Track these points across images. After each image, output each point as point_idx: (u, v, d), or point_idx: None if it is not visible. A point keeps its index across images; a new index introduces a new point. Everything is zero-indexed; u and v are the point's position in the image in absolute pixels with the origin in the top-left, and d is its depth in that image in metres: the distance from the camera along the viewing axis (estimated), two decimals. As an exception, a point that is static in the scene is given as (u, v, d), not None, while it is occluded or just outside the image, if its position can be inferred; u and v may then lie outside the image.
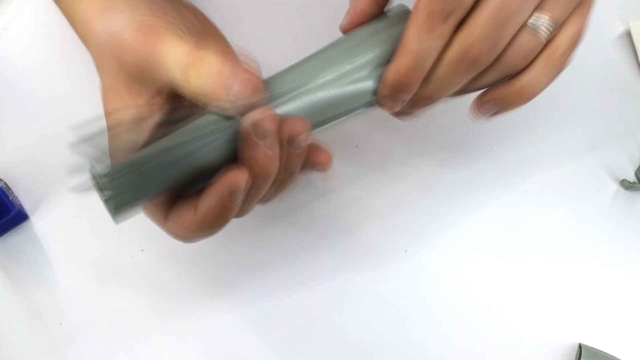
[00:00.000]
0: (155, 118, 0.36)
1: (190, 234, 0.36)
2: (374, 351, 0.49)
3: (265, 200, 0.38)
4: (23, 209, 0.51)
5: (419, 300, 0.50)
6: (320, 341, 0.49)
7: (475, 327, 0.49)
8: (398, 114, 0.38)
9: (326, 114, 0.35)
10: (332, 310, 0.50)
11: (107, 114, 0.37)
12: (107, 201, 0.32)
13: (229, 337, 0.49)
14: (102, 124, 0.35)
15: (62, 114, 0.54)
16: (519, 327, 0.49)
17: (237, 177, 0.33)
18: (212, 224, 0.35)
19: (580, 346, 0.47)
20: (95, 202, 0.51)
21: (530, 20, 0.33)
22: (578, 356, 0.47)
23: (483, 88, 0.36)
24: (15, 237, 0.51)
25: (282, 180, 0.36)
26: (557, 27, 0.34)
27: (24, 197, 0.51)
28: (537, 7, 0.33)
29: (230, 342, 0.49)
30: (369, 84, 0.35)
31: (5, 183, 0.50)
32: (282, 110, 0.34)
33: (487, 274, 0.50)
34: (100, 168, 0.32)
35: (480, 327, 0.49)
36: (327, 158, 0.37)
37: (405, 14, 0.36)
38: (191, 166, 0.33)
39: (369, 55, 0.35)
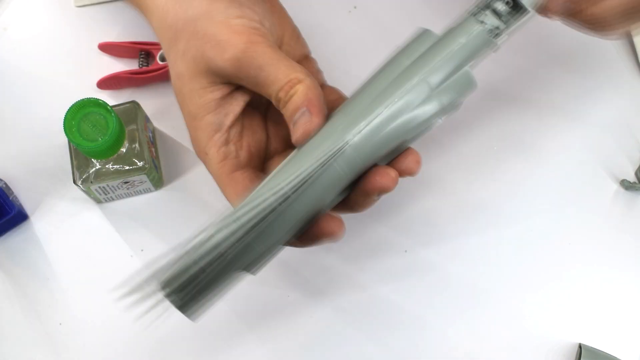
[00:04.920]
0: (239, 105, 0.38)
1: None
2: (373, 350, 0.49)
3: None
4: (23, 209, 0.51)
5: (418, 299, 0.50)
6: (320, 339, 0.49)
7: (475, 327, 0.49)
8: None
9: (392, 143, 0.35)
10: (332, 309, 0.50)
11: (183, 96, 0.37)
12: (180, 308, 0.35)
13: (226, 334, 0.50)
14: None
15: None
16: (519, 326, 0.49)
17: (340, 230, 0.36)
18: None
19: (580, 346, 0.47)
20: (95, 202, 0.52)
21: None
22: (578, 356, 0.47)
23: None
24: (15, 237, 0.51)
25: None
26: None
27: (24, 197, 0.51)
28: None
29: (230, 340, 0.49)
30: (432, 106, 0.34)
31: (5, 183, 0.50)
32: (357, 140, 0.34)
33: (487, 274, 0.50)
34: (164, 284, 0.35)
35: (481, 326, 0.49)
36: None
37: (426, 35, 0.35)
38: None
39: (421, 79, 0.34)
